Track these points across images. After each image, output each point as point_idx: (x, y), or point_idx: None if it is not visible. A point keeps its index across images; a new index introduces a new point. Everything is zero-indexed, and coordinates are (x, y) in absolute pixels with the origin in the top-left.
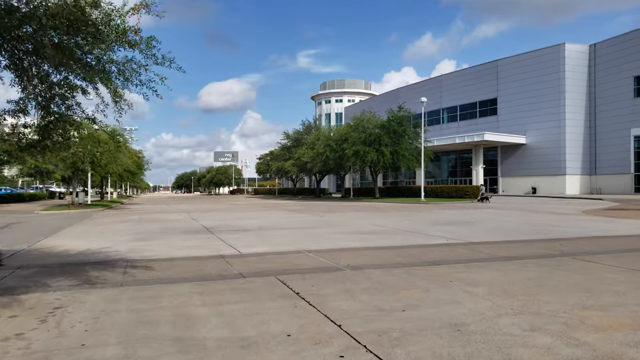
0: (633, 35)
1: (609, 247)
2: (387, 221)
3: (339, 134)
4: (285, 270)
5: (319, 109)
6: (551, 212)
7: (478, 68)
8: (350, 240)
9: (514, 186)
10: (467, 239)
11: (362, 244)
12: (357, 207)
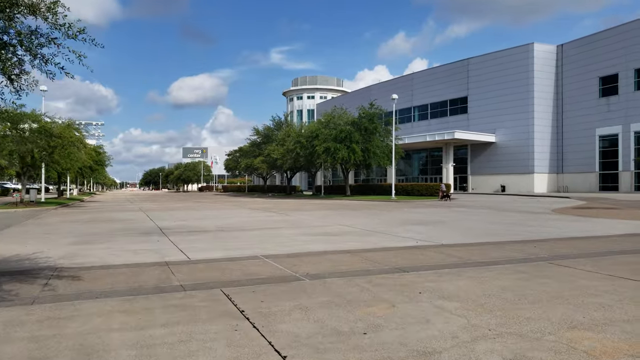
0: (598, 37)
1: (585, 250)
2: (357, 221)
3: (310, 130)
4: (235, 281)
5: (291, 105)
6: (522, 211)
7: (449, 67)
8: (314, 243)
9: (484, 184)
10: (438, 240)
11: (327, 247)
12: (326, 206)
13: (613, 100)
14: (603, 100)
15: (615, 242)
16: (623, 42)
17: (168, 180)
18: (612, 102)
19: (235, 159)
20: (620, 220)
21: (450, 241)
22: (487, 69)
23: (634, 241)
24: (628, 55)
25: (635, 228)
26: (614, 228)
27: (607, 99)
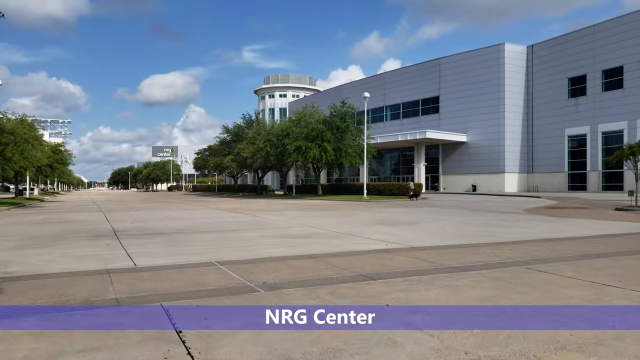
0: (567, 38)
1: (562, 253)
2: (325, 222)
3: (281, 128)
4: (181, 293)
5: (262, 104)
6: (494, 211)
7: (421, 66)
8: (278, 247)
9: (455, 184)
10: (409, 242)
11: (291, 251)
12: (296, 206)
13: (581, 101)
14: (572, 101)
15: (591, 244)
16: (591, 43)
17: (137, 179)
18: (580, 102)
19: (205, 158)
20: (591, 221)
21: (422, 244)
22: (459, 68)
23: (607, 243)
24: (596, 57)
25: (607, 229)
26: (586, 229)
27: (576, 100)
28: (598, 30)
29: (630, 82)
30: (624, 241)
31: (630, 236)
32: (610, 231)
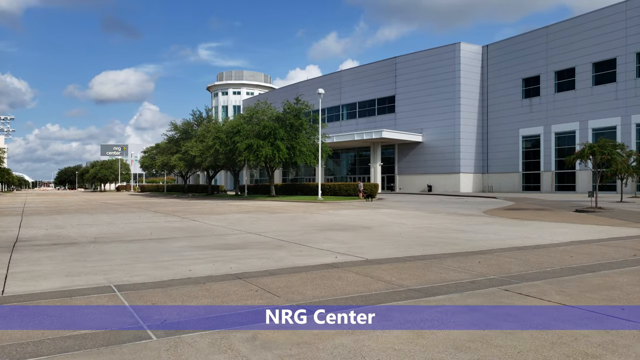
0: (521, 39)
1: (539, 267)
2: (272, 226)
3: (231, 125)
4: (37, 342)
5: (215, 101)
6: (453, 213)
7: (377, 65)
8: (205, 261)
9: (411, 184)
10: (363, 253)
11: (219, 268)
12: (244, 208)
13: (535, 102)
14: (526, 102)
15: (566, 253)
16: (544, 44)
17: (83, 179)
18: (534, 103)
19: (152, 157)
20: (556, 224)
21: (377, 254)
22: (415, 67)
23: (584, 252)
24: (549, 58)
25: (576, 234)
26: (555, 234)
27: (530, 100)
28: (551, 32)
29: (581, 84)
30: (600, 249)
31: (603, 243)
32: (581, 237)
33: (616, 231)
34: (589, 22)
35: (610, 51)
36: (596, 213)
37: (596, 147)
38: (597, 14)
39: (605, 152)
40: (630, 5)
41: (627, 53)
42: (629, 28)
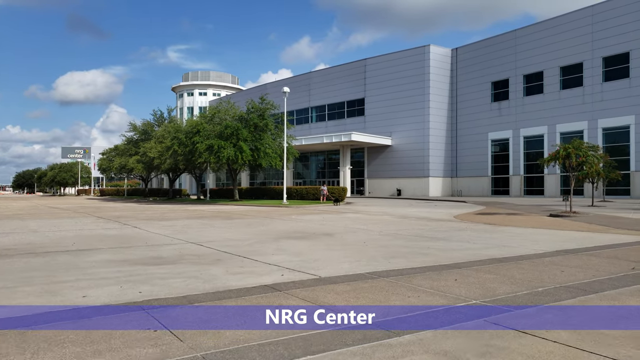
0: (490, 42)
1: (528, 285)
2: (222, 234)
3: (190, 125)
4: None
5: (181, 102)
6: (422, 218)
7: (346, 67)
8: (110, 283)
9: (380, 188)
10: (316, 268)
11: (121, 292)
12: (200, 213)
13: (504, 105)
14: (495, 105)
15: (554, 266)
16: (513, 48)
17: (41, 182)
18: (503, 107)
19: (110, 159)
20: (534, 230)
21: (334, 270)
22: (384, 70)
23: (573, 264)
24: (518, 62)
25: (558, 242)
26: (535, 242)
27: (499, 104)
28: (519, 35)
29: (549, 88)
30: (592, 261)
31: (592, 253)
32: (564, 245)
33: (599, 238)
34: (556, 26)
35: (577, 55)
36: (571, 217)
37: (571, 149)
38: (564, 18)
39: (580, 153)
40: (596, 10)
41: (594, 57)
42: (595, 33)
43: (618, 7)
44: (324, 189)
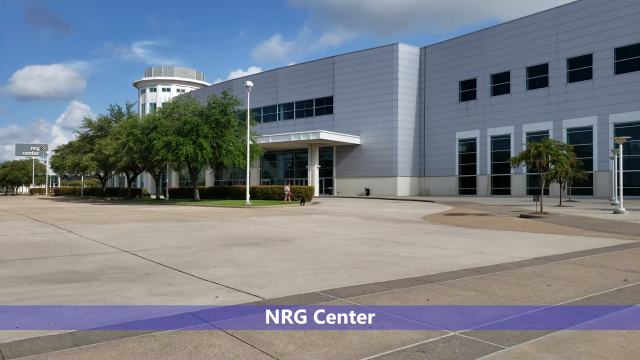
0: (458, 42)
1: (513, 304)
2: (165, 240)
3: (147, 121)
4: None
5: (143, 98)
6: (390, 219)
7: (314, 64)
8: None
9: (349, 187)
10: (263, 285)
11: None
12: (152, 215)
13: (472, 105)
14: (463, 105)
15: (538, 278)
16: (481, 47)
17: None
18: (471, 106)
19: (63, 157)
20: (506, 233)
21: (283, 287)
22: (353, 68)
23: (561, 277)
24: (485, 61)
25: (536, 247)
26: (510, 247)
27: (467, 104)
28: (487, 35)
29: (516, 88)
30: (577, 271)
31: (574, 260)
32: (542, 251)
33: (576, 242)
34: (522, 26)
35: (543, 56)
36: (542, 218)
37: (542, 147)
38: (530, 19)
39: (551, 152)
40: (560, 12)
41: (559, 59)
42: (559, 34)
43: (582, 10)
44: (287, 188)
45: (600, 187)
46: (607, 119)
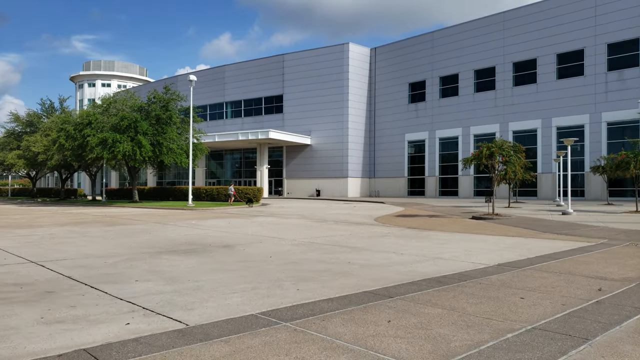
0: (408, 43)
1: (493, 329)
2: (86, 247)
3: (81, 116)
4: None
5: (80, 93)
6: (342, 221)
7: (264, 61)
8: None
9: (300, 188)
10: (189, 307)
11: None
12: (80, 217)
13: (421, 107)
14: (412, 106)
15: (508, 290)
16: (430, 49)
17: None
18: (420, 108)
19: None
20: (462, 236)
21: (215, 307)
22: (303, 66)
23: (532, 287)
24: (434, 63)
25: (494, 251)
26: (469, 252)
27: (416, 105)
28: (436, 37)
29: (464, 90)
30: (545, 279)
31: (540, 267)
32: (503, 255)
33: (535, 245)
34: (471, 29)
35: (490, 59)
36: (495, 220)
37: (495, 148)
38: (478, 22)
39: (504, 153)
40: (507, 17)
41: (505, 62)
42: (506, 38)
43: (527, 15)
44: (231, 189)
45: (544, 188)
46: (550, 122)
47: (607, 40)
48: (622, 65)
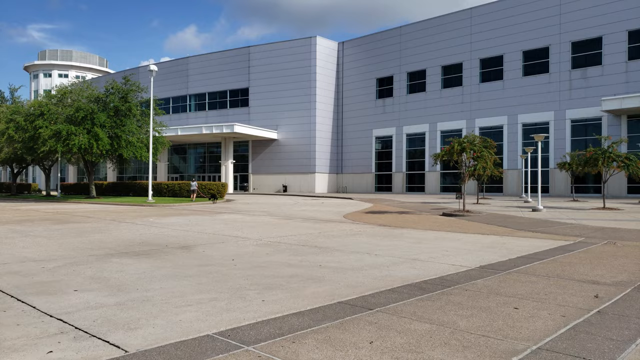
0: (376, 38)
1: (486, 344)
2: (28, 249)
3: (32, 106)
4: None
5: (35, 84)
6: (310, 218)
7: (229, 53)
8: None
9: (266, 184)
10: (132, 325)
11: None
12: (28, 214)
13: (388, 102)
14: (380, 102)
15: (499, 298)
16: (398, 45)
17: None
18: (387, 104)
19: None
20: (435, 234)
21: (164, 326)
22: (270, 59)
23: (522, 294)
24: (402, 59)
25: (472, 251)
26: (446, 252)
27: (384, 101)
28: (404, 33)
29: (431, 86)
30: (534, 284)
31: (525, 270)
32: (482, 256)
33: (514, 245)
34: (438, 25)
35: (457, 55)
36: (466, 217)
37: (466, 143)
38: (446, 18)
39: (475, 148)
40: (474, 13)
41: (472, 59)
42: (473, 34)
43: (493, 12)
44: (194, 184)
45: (509, 184)
46: (516, 119)
47: (572, 39)
48: (586, 63)
